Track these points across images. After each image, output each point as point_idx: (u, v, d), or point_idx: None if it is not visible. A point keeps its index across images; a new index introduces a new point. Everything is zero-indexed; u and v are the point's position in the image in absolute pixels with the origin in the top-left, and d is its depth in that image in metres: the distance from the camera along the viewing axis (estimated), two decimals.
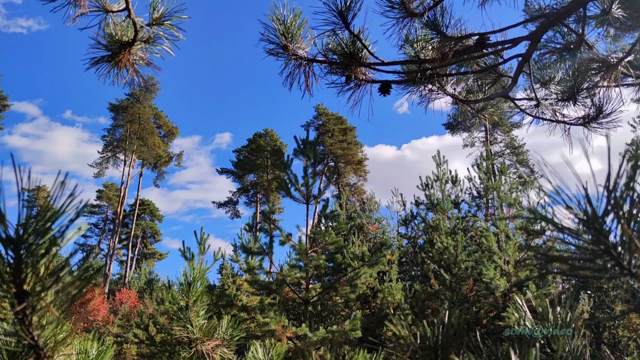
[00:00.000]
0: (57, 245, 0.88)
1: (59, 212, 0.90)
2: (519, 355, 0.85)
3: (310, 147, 9.14)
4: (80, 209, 0.94)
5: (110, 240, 42.78)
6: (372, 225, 18.69)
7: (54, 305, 0.81)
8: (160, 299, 15.51)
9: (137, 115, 45.08)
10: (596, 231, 0.72)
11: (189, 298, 3.10)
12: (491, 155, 14.45)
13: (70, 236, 0.91)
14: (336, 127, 40.84)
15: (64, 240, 0.90)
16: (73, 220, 0.92)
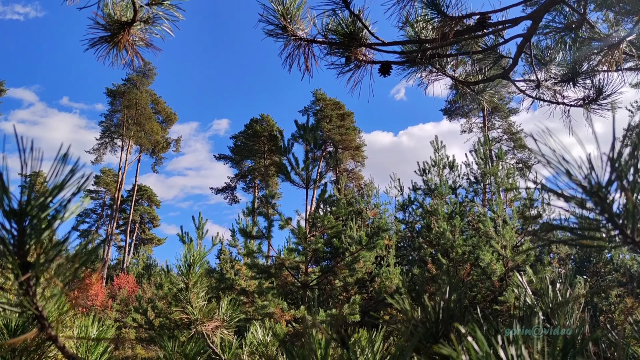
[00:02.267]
0: (60, 218, 0.88)
1: (61, 185, 0.90)
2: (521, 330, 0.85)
3: (311, 131, 9.12)
4: (82, 183, 0.93)
5: (108, 226, 42.81)
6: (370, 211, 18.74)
7: (58, 277, 0.82)
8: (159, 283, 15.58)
9: (134, 100, 44.85)
10: (599, 199, 0.72)
11: (188, 279, 3.11)
12: (489, 140, 14.44)
13: (72, 210, 0.91)
14: (334, 112, 40.71)
15: (66, 214, 0.90)
16: (75, 194, 0.92)
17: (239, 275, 12.17)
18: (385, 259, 14.04)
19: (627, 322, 6.27)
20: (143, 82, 47.03)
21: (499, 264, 10.97)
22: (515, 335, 0.75)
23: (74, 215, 0.91)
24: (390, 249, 14.58)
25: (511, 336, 0.76)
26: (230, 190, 46.84)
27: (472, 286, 11.72)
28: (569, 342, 0.67)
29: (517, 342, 0.73)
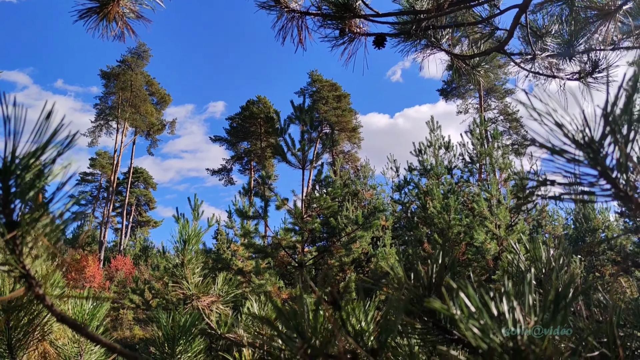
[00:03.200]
0: (45, 177, 0.87)
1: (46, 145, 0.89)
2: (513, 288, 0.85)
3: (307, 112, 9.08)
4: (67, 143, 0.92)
5: (104, 208, 42.76)
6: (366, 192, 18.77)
7: (45, 236, 0.80)
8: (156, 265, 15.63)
9: (129, 82, 44.51)
10: (592, 152, 0.71)
11: (184, 256, 3.11)
12: (484, 121, 14.41)
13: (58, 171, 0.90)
14: (330, 94, 40.50)
15: (52, 174, 0.89)
16: (61, 154, 0.90)
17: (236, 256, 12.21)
18: (382, 240, 14.10)
19: (616, 282, 6.30)
20: (138, 64, 46.61)
21: (493, 242, 11.04)
22: (507, 291, 0.75)
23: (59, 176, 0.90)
24: (386, 229, 14.64)
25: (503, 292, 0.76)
26: (226, 172, 46.79)
27: (466, 265, 11.81)
28: (560, 294, 0.67)
29: (509, 296, 0.73)
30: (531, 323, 0.70)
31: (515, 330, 0.69)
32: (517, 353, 0.67)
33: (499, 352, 0.67)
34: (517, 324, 0.69)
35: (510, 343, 0.69)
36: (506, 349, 0.68)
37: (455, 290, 0.73)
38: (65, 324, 0.78)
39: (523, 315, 0.72)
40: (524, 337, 0.68)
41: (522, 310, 0.73)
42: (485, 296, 0.73)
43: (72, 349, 2.17)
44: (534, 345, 0.64)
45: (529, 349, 0.65)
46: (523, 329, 0.69)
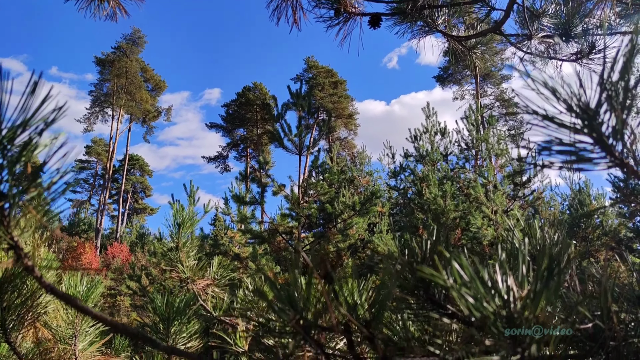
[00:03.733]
0: (31, 149, 0.85)
1: (33, 116, 0.87)
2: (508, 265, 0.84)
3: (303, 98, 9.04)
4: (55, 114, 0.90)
5: (100, 196, 42.70)
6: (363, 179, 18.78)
7: (34, 209, 0.79)
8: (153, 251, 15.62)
9: (124, 69, 44.21)
10: (588, 118, 0.70)
11: (179, 239, 3.10)
12: (480, 107, 14.39)
13: (45, 143, 0.88)
14: (326, 80, 40.33)
15: (39, 146, 0.87)
16: (48, 125, 0.89)
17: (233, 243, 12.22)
18: (378, 226, 14.12)
19: (609, 256, 6.32)
20: (133, 51, 46.26)
21: (491, 229, 11.07)
22: (500, 260, 0.74)
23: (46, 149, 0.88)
24: (383, 215, 14.66)
25: (496, 261, 0.75)
26: (222, 159, 46.69)
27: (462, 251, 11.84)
28: (553, 261, 0.66)
29: (502, 265, 0.72)
30: (524, 292, 0.70)
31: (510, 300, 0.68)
32: (510, 321, 0.66)
33: (492, 320, 0.66)
34: (510, 292, 0.68)
35: (503, 311, 0.68)
36: (499, 317, 0.67)
37: (448, 260, 0.72)
38: (55, 295, 0.77)
39: (516, 284, 0.71)
40: (517, 305, 0.67)
41: (516, 280, 0.73)
42: (478, 265, 0.72)
43: (67, 330, 2.16)
44: (527, 312, 0.64)
45: (522, 317, 0.65)
46: (516, 297, 0.68)
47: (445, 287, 1.06)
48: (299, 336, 0.79)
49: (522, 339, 0.64)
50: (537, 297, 0.64)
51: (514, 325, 0.65)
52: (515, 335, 0.64)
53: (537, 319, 0.63)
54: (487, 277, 0.71)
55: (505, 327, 0.67)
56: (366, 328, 0.83)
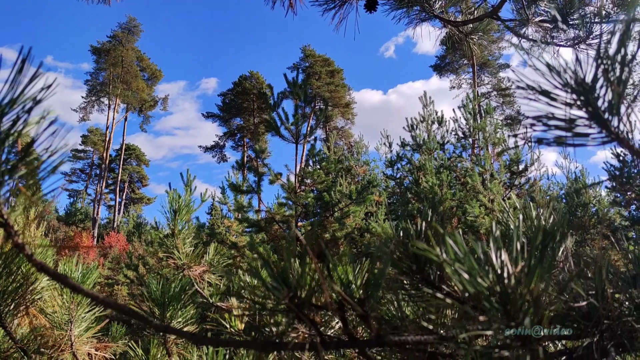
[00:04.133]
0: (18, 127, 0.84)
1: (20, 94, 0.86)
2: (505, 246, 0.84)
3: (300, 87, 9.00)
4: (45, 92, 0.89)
5: (97, 185, 42.62)
6: (360, 168, 18.76)
7: (24, 186, 0.78)
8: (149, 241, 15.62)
9: (119, 58, 43.93)
10: (584, 92, 0.69)
11: (175, 226, 3.09)
12: (477, 96, 14.36)
13: (35, 121, 0.87)
14: (323, 69, 40.17)
15: (28, 125, 0.86)
16: (37, 103, 0.88)
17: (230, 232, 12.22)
18: (375, 215, 14.13)
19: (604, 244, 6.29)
20: (129, 39, 45.94)
21: (488, 217, 11.09)
22: (495, 237, 0.74)
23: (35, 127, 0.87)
24: (380, 205, 14.66)
25: (491, 238, 0.74)
26: (219, 149, 46.60)
27: None
28: (548, 235, 0.65)
29: (497, 242, 0.72)
30: (518, 268, 0.69)
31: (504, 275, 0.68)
32: (504, 296, 0.66)
33: (486, 295, 0.66)
34: (504, 268, 0.68)
35: (497, 287, 0.68)
36: (493, 293, 0.67)
37: (442, 236, 0.71)
38: (46, 273, 0.76)
39: (511, 261, 0.71)
40: (511, 280, 0.67)
41: (510, 256, 0.72)
42: (472, 242, 0.72)
43: (63, 316, 2.16)
44: (522, 287, 0.64)
45: (516, 292, 0.64)
46: (511, 273, 0.68)
47: (440, 266, 1.06)
48: (292, 314, 0.79)
49: (515, 314, 0.64)
50: (532, 272, 0.63)
51: (508, 301, 0.65)
52: (508, 310, 0.64)
53: (531, 294, 0.63)
54: (481, 253, 0.70)
55: (499, 302, 0.67)
56: (360, 306, 0.83)
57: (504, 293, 0.65)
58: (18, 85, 0.86)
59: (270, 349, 0.79)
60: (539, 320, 0.63)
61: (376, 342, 0.84)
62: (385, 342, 0.85)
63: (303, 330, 1.00)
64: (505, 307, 0.64)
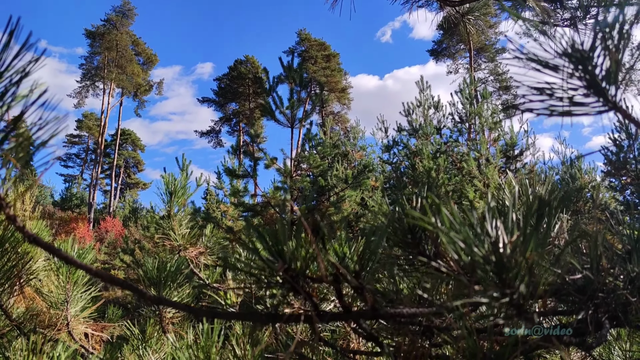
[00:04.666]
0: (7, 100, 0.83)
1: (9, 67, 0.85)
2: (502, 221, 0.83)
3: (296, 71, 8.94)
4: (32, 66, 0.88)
5: (92, 170, 42.48)
6: (356, 153, 18.74)
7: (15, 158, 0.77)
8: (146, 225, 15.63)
9: (114, 42, 43.53)
10: (581, 59, 0.68)
11: (171, 207, 3.09)
12: (474, 80, 14.32)
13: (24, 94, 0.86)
14: (319, 53, 39.92)
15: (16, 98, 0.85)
16: (26, 75, 0.86)
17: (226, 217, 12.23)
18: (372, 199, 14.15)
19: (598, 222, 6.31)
20: (123, 23, 45.49)
21: (483, 201, 11.12)
22: (491, 207, 0.73)
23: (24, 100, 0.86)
24: (376, 190, 14.68)
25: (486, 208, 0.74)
26: (214, 134, 46.46)
27: None
28: (544, 203, 0.65)
29: (493, 212, 0.71)
30: (514, 237, 0.69)
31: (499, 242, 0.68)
32: (500, 265, 0.66)
33: (481, 264, 0.66)
34: (500, 236, 0.68)
35: (492, 256, 0.68)
36: (488, 261, 0.66)
37: (438, 206, 0.71)
38: (38, 245, 0.76)
39: (506, 229, 0.70)
40: (506, 249, 0.67)
41: (505, 227, 0.72)
42: (467, 212, 0.71)
43: (59, 296, 2.16)
44: (517, 255, 0.63)
45: (511, 260, 0.64)
46: (506, 242, 0.67)
47: (435, 241, 1.06)
48: (287, 285, 0.79)
49: (510, 282, 0.64)
50: (528, 240, 0.63)
51: (503, 269, 0.65)
52: (504, 279, 0.64)
53: (527, 262, 0.63)
54: (477, 223, 0.70)
55: (495, 272, 0.67)
56: (355, 278, 0.83)
57: (499, 262, 0.65)
58: (6, 57, 0.85)
59: (265, 321, 0.79)
60: (534, 288, 0.63)
61: (371, 314, 0.84)
62: (380, 315, 0.85)
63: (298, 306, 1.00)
64: (501, 276, 0.64)
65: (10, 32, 0.84)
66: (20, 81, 0.82)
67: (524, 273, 0.62)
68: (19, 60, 0.86)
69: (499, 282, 0.64)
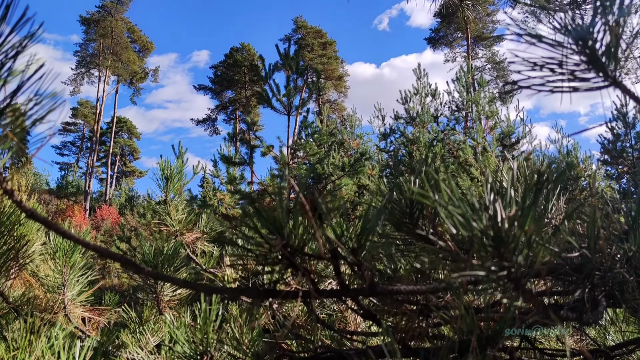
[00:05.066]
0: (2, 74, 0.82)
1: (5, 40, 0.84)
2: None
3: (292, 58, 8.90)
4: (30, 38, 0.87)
5: (88, 158, 42.35)
6: (353, 141, 18.72)
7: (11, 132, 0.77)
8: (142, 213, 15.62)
9: (109, 29, 43.19)
10: (581, 33, 0.68)
11: (167, 192, 3.08)
12: (471, 68, 14.29)
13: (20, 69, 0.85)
14: (316, 40, 39.73)
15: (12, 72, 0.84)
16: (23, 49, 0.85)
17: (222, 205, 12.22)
18: (368, 188, 14.16)
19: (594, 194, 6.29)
20: (118, 10, 45.11)
21: (480, 189, 11.15)
22: (488, 182, 0.73)
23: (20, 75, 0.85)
24: (372, 178, 14.68)
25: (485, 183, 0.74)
26: (211, 122, 46.32)
27: None
28: (542, 176, 0.65)
29: (490, 186, 0.71)
30: (512, 212, 0.69)
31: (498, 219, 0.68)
32: (498, 239, 0.66)
33: (480, 238, 0.66)
34: (498, 210, 0.68)
35: (490, 231, 0.68)
36: (487, 236, 0.67)
37: (437, 182, 0.71)
38: (35, 220, 0.75)
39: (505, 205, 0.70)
40: (504, 223, 0.67)
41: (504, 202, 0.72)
42: (466, 176, 0.71)
43: (55, 279, 2.16)
44: (515, 228, 0.63)
45: (510, 234, 0.64)
46: (504, 217, 0.67)
47: (433, 221, 1.06)
48: (285, 261, 0.79)
49: (508, 255, 0.64)
50: (526, 213, 0.63)
51: (501, 243, 0.65)
52: (502, 253, 0.64)
53: (525, 234, 0.63)
54: (476, 198, 0.70)
55: (493, 246, 0.67)
56: (353, 255, 0.83)
57: (497, 236, 0.65)
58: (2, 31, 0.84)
59: (263, 296, 0.79)
60: (532, 261, 0.63)
61: (369, 291, 0.84)
62: (378, 291, 0.85)
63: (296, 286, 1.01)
64: (499, 250, 0.64)
65: (6, 5, 0.83)
66: (16, 56, 0.82)
67: (522, 246, 0.62)
68: (15, 34, 0.85)
69: (497, 255, 0.64)
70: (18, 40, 0.86)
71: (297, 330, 1.43)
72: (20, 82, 0.83)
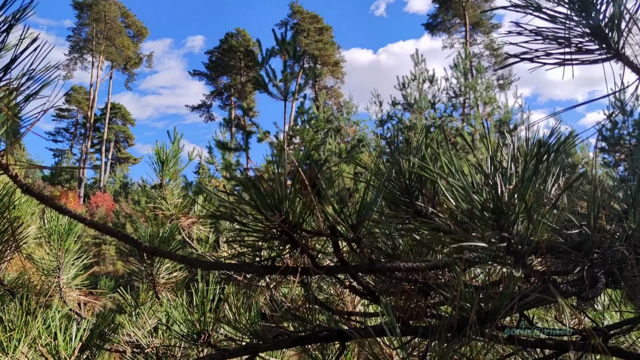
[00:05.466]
0: None
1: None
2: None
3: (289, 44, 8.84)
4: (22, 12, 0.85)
5: (82, 145, 42.18)
6: (350, 128, 18.67)
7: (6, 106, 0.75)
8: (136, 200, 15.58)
9: (102, 13, 42.75)
10: (584, 7, 0.67)
11: (163, 177, 3.07)
12: (469, 54, 14.24)
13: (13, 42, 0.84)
14: (312, 26, 39.47)
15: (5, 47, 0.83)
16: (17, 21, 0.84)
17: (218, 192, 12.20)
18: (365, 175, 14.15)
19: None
20: None
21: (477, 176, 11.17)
22: (489, 156, 0.72)
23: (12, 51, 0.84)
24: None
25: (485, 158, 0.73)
26: (206, 108, 46.12)
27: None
28: (542, 146, 0.64)
29: (490, 159, 0.70)
30: (512, 185, 0.69)
31: None
32: (497, 211, 0.65)
33: (480, 210, 0.65)
34: (498, 184, 0.67)
35: (490, 204, 0.67)
36: (487, 209, 0.66)
37: (437, 155, 0.70)
38: (31, 195, 0.74)
39: (505, 180, 0.70)
40: (504, 196, 0.66)
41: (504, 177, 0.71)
42: (464, 162, 0.71)
43: (50, 263, 2.15)
44: (515, 198, 0.63)
45: (510, 205, 0.64)
46: (504, 190, 0.67)
47: (432, 201, 1.05)
48: (285, 237, 0.78)
49: (508, 226, 0.63)
50: (527, 183, 0.62)
51: (501, 215, 0.64)
52: (502, 224, 0.63)
53: (525, 204, 0.62)
54: (476, 171, 0.69)
55: (493, 219, 0.66)
56: (353, 231, 0.82)
57: (497, 208, 0.64)
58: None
59: (262, 273, 0.79)
60: (532, 231, 0.62)
61: (368, 267, 0.84)
62: (377, 268, 0.84)
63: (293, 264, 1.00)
64: (499, 221, 0.64)
65: None
66: (9, 29, 0.80)
67: (523, 218, 0.62)
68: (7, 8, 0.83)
69: (497, 227, 0.64)
70: (11, 13, 0.84)
71: (295, 311, 1.43)
72: (14, 55, 0.81)
